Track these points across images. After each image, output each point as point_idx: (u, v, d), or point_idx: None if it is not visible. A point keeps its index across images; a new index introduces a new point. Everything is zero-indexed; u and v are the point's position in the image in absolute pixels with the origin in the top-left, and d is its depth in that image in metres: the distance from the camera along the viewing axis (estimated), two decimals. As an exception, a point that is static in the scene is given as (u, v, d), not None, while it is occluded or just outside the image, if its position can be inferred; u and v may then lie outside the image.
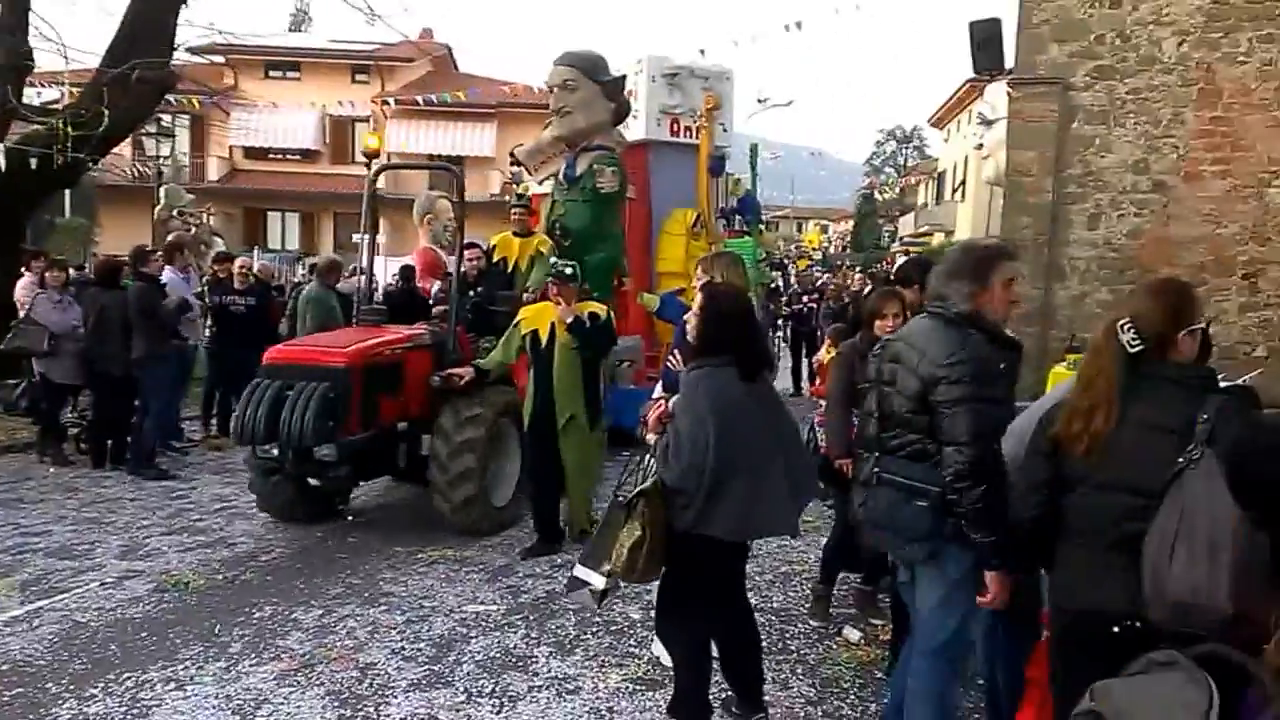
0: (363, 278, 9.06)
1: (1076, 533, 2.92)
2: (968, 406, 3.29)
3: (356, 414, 6.87)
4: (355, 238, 32.10)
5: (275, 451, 6.72)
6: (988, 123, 19.44)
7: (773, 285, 22.73)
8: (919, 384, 3.41)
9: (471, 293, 8.73)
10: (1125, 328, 2.87)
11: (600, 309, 7.01)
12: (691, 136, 11.71)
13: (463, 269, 8.45)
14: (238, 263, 11.47)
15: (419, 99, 32.89)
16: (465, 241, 8.52)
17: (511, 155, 10.88)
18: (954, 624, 3.55)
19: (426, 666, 4.99)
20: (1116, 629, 2.76)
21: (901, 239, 50.06)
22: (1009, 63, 14.25)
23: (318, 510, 7.67)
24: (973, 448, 3.26)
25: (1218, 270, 13.65)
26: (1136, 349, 2.85)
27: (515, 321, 7.13)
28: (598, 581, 4.04)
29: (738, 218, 13.48)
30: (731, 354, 3.98)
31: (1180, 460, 2.64)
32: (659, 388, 4.99)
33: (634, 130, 11.37)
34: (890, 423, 3.57)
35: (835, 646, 5.31)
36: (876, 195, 59.61)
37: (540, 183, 10.83)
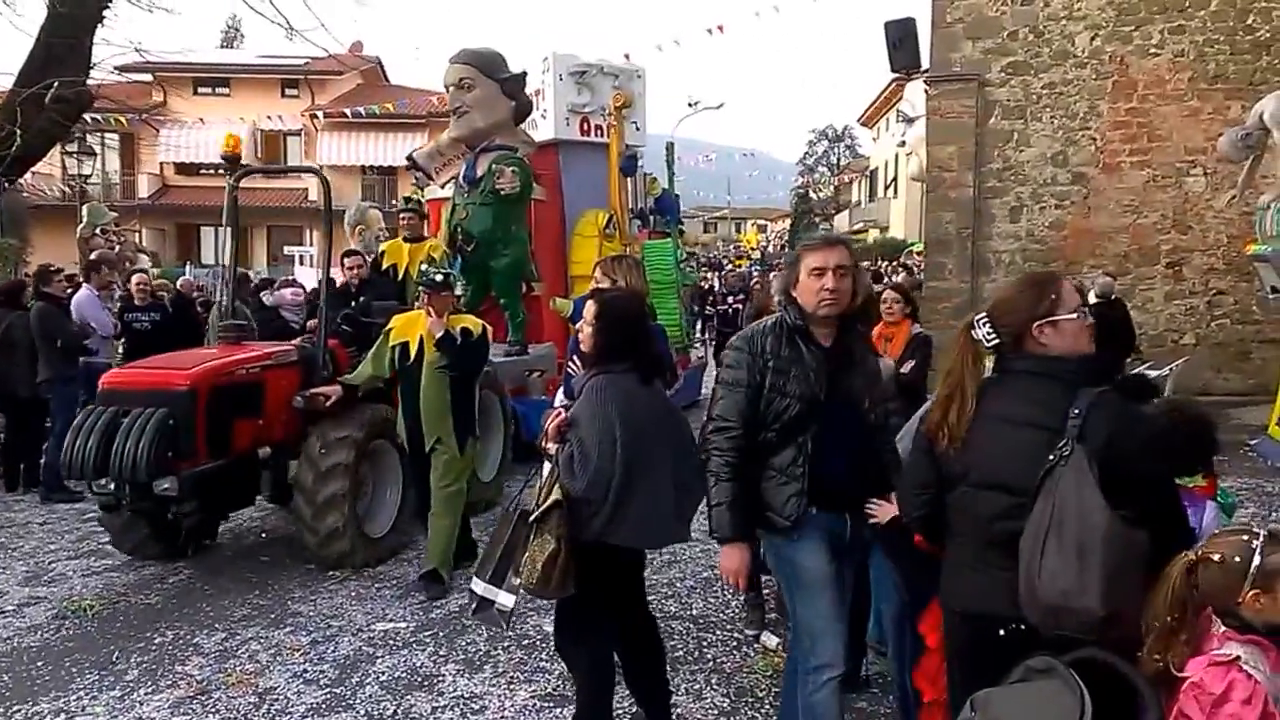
0: (225, 289, 8.25)
1: (959, 532, 2.83)
2: (719, 385, 3.45)
3: (203, 441, 6.16)
4: (289, 250, 31.75)
5: (111, 486, 5.95)
6: (909, 120, 19.68)
7: (707, 286, 22.74)
8: None
9: (354, 303, 8.24)
10: (980, 323, 2.81)
11: (475, 324, 6.38)
12: (603, 136, 11.44)
13: (343, 279, 8.13)
14: (135, 280, 11.09)
15: (348, 111, 32.60)
16: (347, 249, 8.25)
17: (409, 159, 10.44)
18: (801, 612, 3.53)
19: (328, 689, 4.80)
20: (1002, 631, 2.67)
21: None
22: (925, 61, 14.39)
23: (180, 547, 6.88)
24: (709, 423, 3.40)
25: (1141, 260, 13.89)
26: (992, 343, 2.78)
27: (385, 331, 6.47)
28: (506, 600, 3.90)
29: (655, 218, 13.32)
30: (631, 359, 3.89)
31: (1051, 457, 2.55)
32: (560, 395, 4.86)
33: (543, 130, 11.15)
34: None
35: (753, 654, 5.19)
36: (811, 194, 60.23)
37: (442, 186, 10.54)
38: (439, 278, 6.22)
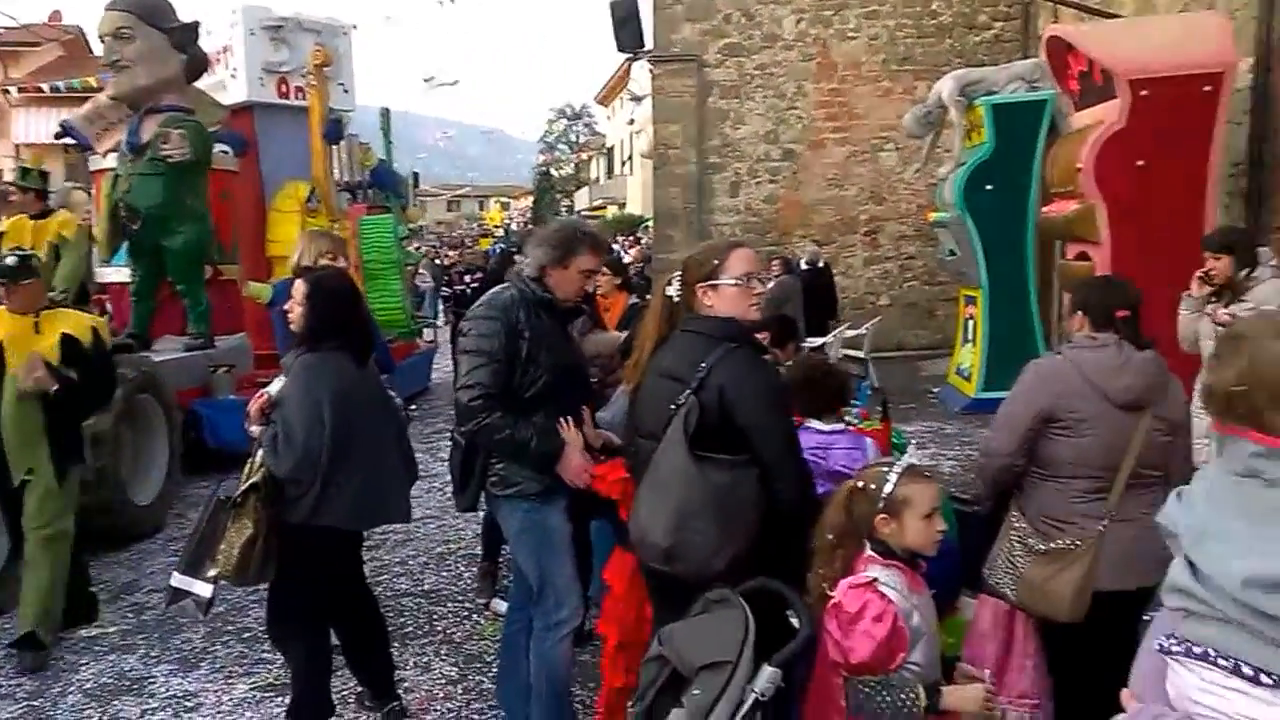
0: None
1: (640, 479, 3.04)
2: (464, 355, 3.45)
3: None
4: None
5: None
6: (637, 99, 20.23)
7: (450, 263, 22.41)
8: None
9: None
10: (672, 280, 3.03)
11: (81, 327, 4.95)
12: (304, 99, 10.32)
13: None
14: None
15: (45, 86, 29.66)
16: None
17: (62, 126, 8.96)
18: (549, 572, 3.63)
19: (25, 704, 4.49)
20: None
21: (579, 213, 51.22)
22: (650, 41, 14.86)
23: None
24: (462, 391, 3.39)
25: (844, 229, 15.03)
26: (675, 299, 3.02)
27: None
28: (203, 589, 3.78)
29: (373, 191, 12.47)
30: (342, 338, 3.86)
31: (673, 406, 2.79)
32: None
33: (234, 91, 10.19)
34: None
35: (483, 622, 5.32)
36: (553, 172, 60.59)
37: (104, 155, 9.05)
38: (10, 261, 4.82)
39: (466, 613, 5.46)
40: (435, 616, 5.42)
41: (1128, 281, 3.37)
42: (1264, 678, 1.22)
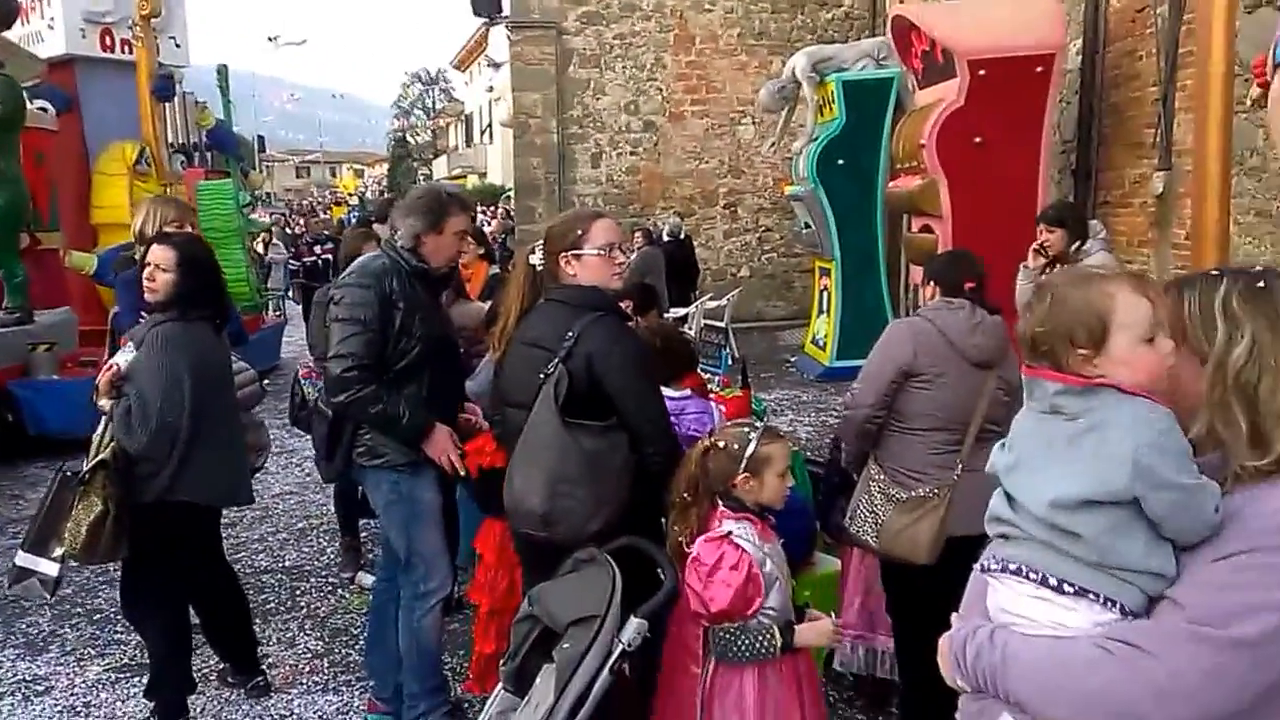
0: None
1: (508, 448, 3.10)
2: (337, 324, 3.40)
3: None
4: None
5: None
6: (495, 65, 19.98)
7: (298, 233, 21.71)
8: None
9: None
10: (535, 249, 3.09)
11: None
12: (130, 53, 9.75)
13: None
14: None
15: None
16: None
17: None
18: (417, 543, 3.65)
19: None
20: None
21: (438, 181, 50.33)
22: (507, 6, 14.69)
23: None
24: (333, 362, 3.36)
25: (704, 201, 15.26)
26: (539, 268, 3.07)
27: None
28: (49, 568, 3.65)
29: (211, 154, 11.90)
30: (211, 307, 3.78)
31: (541, 375, 2.87)
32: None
33: (51, 43, 9.58)
34: None
35: (348, 596, 5.29)
36: (409, 138, 59.22)
37: None
38: None
39: (331, 587, 5.42)
40: (298, 592, 5.36)
41: (974, 255, 3.64)
42: (1066, 587, 1.40)
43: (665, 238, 12.78)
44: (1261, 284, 1.42)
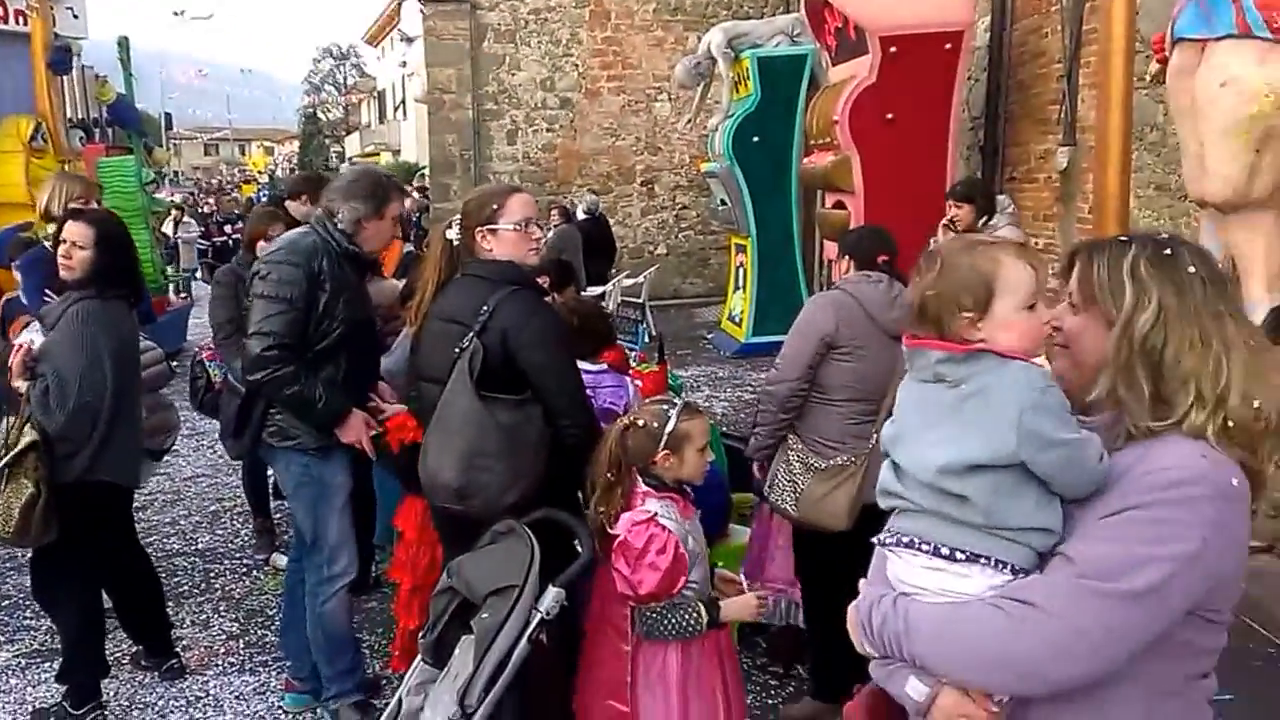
0: None
1: (424, 423, 3.08)
2: (261, 300, 3.31)
3: None
4: None
5: None
6: (408, 40, 19.66)
7: (209, 212, 21.14)
8: None
9: None
10: (452, 224, 3.08)
11: None
12: (24, 24, 9.55)
13: None
14: None
15: None
16: None
17: None
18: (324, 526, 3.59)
19: None
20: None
21: (351, 159, 49.35)
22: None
23: None
24: (254, 339, 3.27)
25: (621, 179, 15.26)
26: (455, 243, 3.06)
27: None
28: None
29: (113, 130, 11.58)
30: (129, 285, 3.70)
31: (457, 350, 2.86)
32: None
33: None
34: None
35: (263, 577, 5.22)
36: (320, 115, 57.94)
37: None
38: None
39: (245, 569, 5.34)
40: (212, 574, 5.28)
41: (887, 230, 3.73)
42: (958, 555, 1.43)
43: (582, 215, 12.75)
44: (1169, 251, 1.46)
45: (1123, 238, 1.54)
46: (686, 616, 2.62)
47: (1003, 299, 1.45)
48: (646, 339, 5.82)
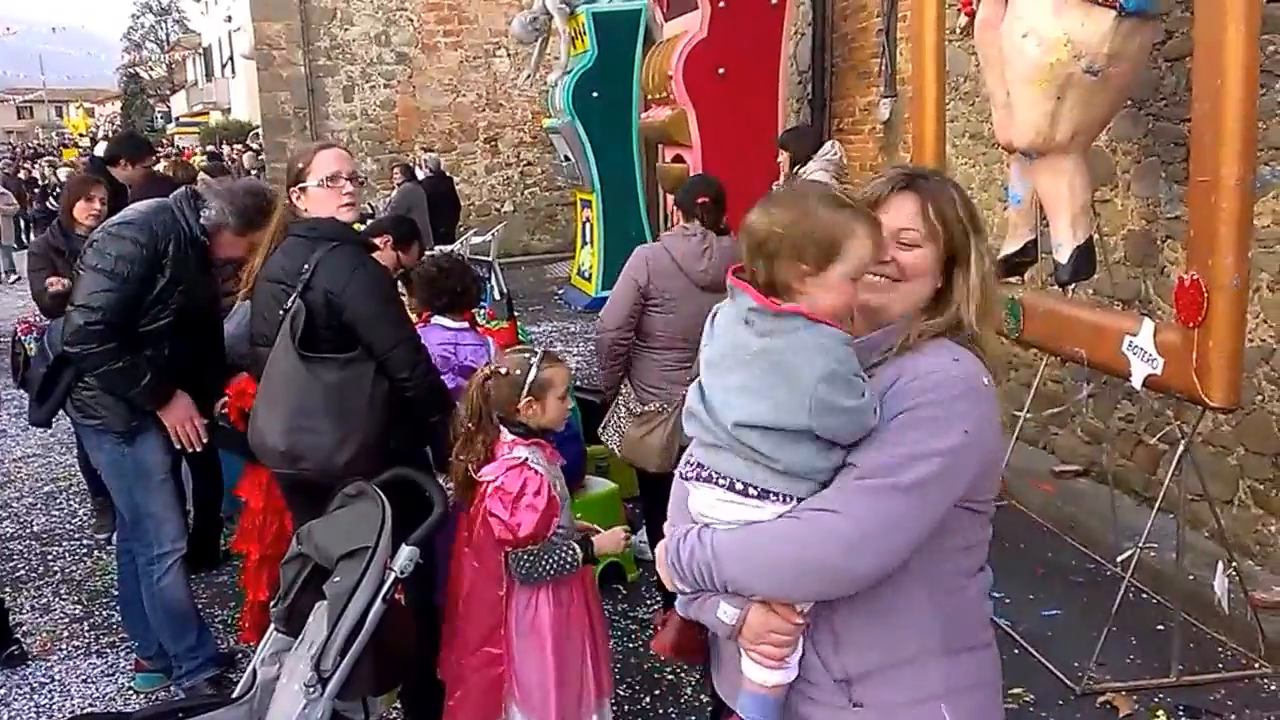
0: None
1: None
2: (92, 271, 3.19)
3: None
4: None
5: None
6: (231, -7, 18.72)
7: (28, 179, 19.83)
8: None
9: None
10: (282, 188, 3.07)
11: None
12: None
13: None
14: None
15: None
16: None
17: None
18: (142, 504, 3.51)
19: None
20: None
21: (178, 119, 46.82)
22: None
23: None
24: (78, 311, 3.15)
25: (464, 136, 15.04)
26: (287, 204, 3.04)
27: None
28: None
29: None
30: None
31: (281, 312, 2.85)
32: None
33: None
34: None
35: (105, 557, 5.06)
36: (142, 73, 54.68)
37: None
38: None
39: (85, 550, 5.18)
40: (50, 557, 5.10)
41: (712, 177, 3.90)
42: (750, 490, 1.51)
43: (425, 174, 12.55)
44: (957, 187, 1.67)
45: (935, 174, 1.68)
46: (563, 555, 2.67)
47: (841, 265, 1.49)
48: (495, 296, 5.86)
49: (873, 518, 1.45)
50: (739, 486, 1.52)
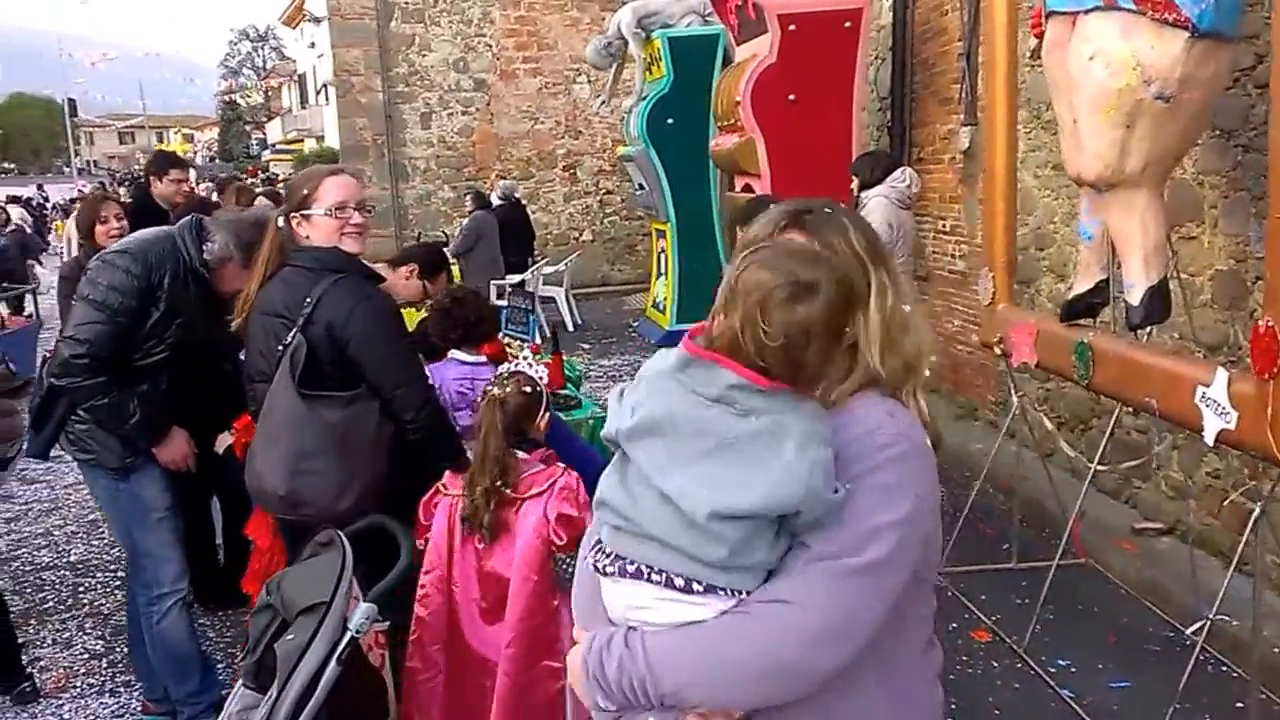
0: None
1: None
2: (83, 302, 3.09)
3: None
4: None
5: None
6: (315, 20, 19.13)
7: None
8: None
9: None
10: (282, 212, 2.90)
11: None
12: None
13: None
14: None
15: None
16: None
17: None
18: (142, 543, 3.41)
19: None
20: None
21: (273, 146, 48.22)
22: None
23: None
24: (66, 343, 3.05)
25: (543, 164, 14.99)
26: (282, 229, 2.87)
27: None
28: None
29: None
30: None
31: (280, 347, 2.69)
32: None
33: None
34: None
35: (138, 589, 4.98)
36: (239, 100, 56.56)
37: None
38: None
39: (118, 583, 5.07)
40: (81, 589, 5.03)
41: (770, 198, 3.62)
42: (694, 586, 1.27)
43: (497, 201, 12.50)
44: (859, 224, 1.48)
45: (826, 204, 1.47)
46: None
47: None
48: (537, 327, 5.66)
49: (835, 605, 1.25)
50: (679, 583, 1.28)
